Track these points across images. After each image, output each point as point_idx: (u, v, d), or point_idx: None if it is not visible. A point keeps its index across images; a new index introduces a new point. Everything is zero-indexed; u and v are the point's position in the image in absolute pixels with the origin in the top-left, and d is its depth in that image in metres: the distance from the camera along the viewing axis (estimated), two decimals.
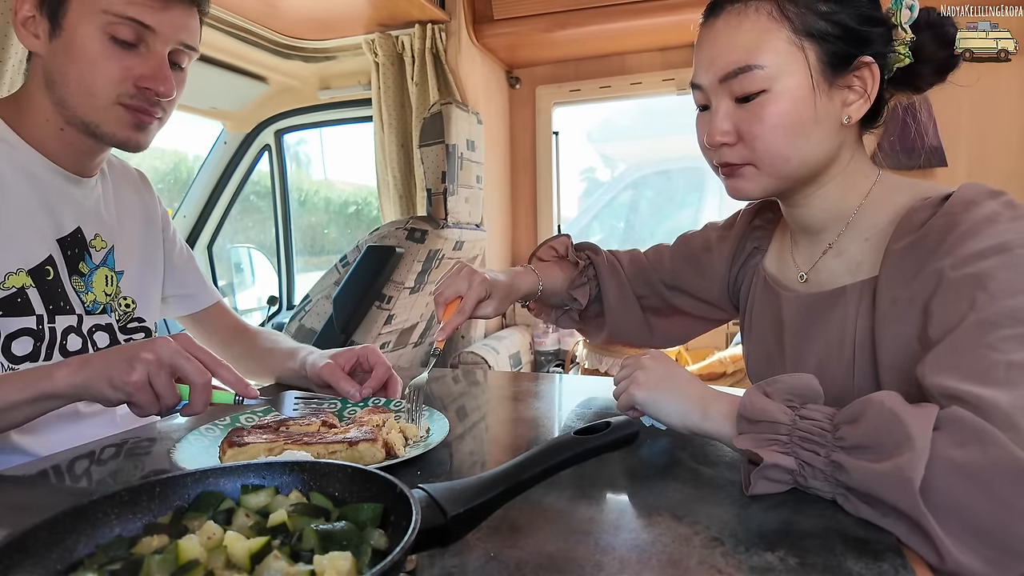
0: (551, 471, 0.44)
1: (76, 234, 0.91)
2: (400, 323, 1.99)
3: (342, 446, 0.64)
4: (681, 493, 0.59)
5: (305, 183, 3.75)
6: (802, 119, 0.68)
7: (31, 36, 0.83)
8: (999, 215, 0.59)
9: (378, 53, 2.44)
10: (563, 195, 3.04)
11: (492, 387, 1.10)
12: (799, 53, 0.67)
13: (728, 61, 0.69)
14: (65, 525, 0.38)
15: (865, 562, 0.44)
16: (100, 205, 0.96)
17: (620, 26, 2.35)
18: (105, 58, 0.81)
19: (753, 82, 0.68)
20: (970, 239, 0.59)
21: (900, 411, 0.50)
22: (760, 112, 0.68)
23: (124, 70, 0.82)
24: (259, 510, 0.42)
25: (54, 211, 0.88)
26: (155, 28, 0.83)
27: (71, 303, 0.89)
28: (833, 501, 0.53)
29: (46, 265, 0.86)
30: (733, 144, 0.71)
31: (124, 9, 0.80)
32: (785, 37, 0.67)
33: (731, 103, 0.70)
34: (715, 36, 0.71)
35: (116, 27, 0.81)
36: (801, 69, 0.67)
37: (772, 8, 0.68)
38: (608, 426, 0.48)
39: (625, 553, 0.46)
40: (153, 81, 0.84)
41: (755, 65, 0.67)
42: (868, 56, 0.68)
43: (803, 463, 0.54)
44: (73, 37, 0.81)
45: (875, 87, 0.69)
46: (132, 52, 0.83)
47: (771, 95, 0.67)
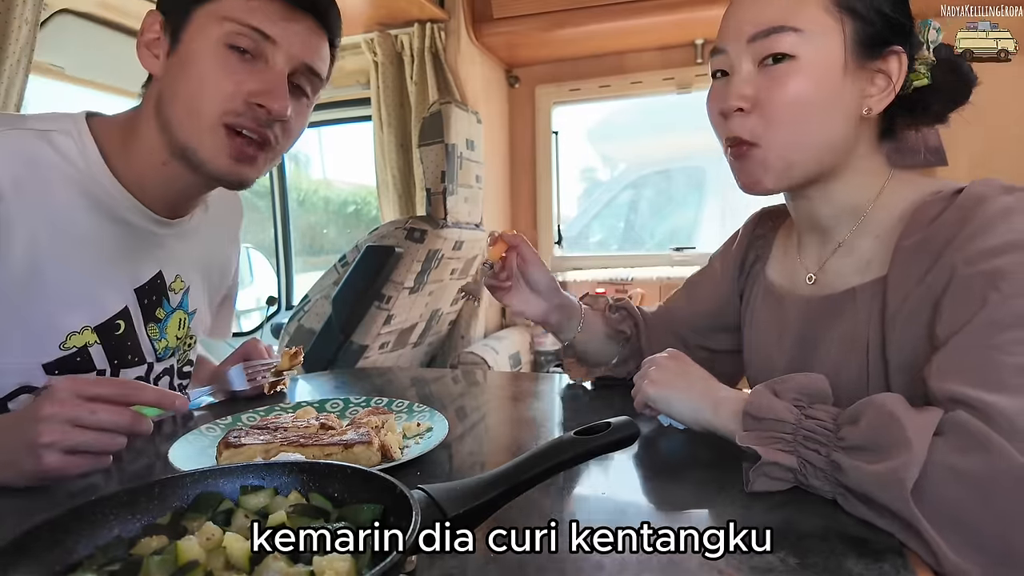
0: (551, 471, 0.44)
1: (156, 279, 0.85)
2: (399, 323, 1.99)
3: (337, 448, 0.64)
4: (681, 493, 0.59)
5: (304, 183, 3.76)
6: (824, 95, 0.65)
7: (152, 57, 0.77)
8: (1013, 210, 0.58)
9: (377, 52, 2.44)
10: (563, 195, 3.04)
11: (492, 387, 1.10)
12: (836, 24, 0.64)
13: (762, 19, 0.65)
14: (64, 526, 0.38)
15: (866, 562, 0.44)
16: (188, 243, 0.90)
17: (620, 25, 2.35)
18: (218, 70, 0.74)
19: (784, 43, 0.64)
20: (983, 235, 0.57)
21: (900, 413, 0.50)
22: (783, 79, 0.65)
23: (236, 84, 0.74)
24: (258, 511, 0.42)
25: (135, 259, 0.82)
26: (277, 40, 0.75)
27: (142, 352, 0.84)
28: (834, 501, 0.53)
29: (118, 319, 0.80)
30: (748, 112, 0.67)
31: (246, 17, 0.74)
32: (824, 5, 0.64)
33: (754, 68, 0.67)
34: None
35: (235, 36, 0.74)
36: (835, 40, 0.64)
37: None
38: (608, 426, 0.48)
39: (625, 553, 0.46)
40: (266, 97, 0.75)
41: (790, 27, 0.64)
42: (899, 46, 0.66)
43: (805, 462, 0.54)
44: (190, 49, 0.74)
45: (900, 79, 0.66)
46: (249, 65, 0.75)
47: (798, 62, 0.64)
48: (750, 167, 0.69)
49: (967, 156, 2.38)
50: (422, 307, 2.08)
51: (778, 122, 0.66)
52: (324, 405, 0.85)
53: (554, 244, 3.00)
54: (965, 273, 0.56)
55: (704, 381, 0.69)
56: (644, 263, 2.81)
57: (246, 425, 0.75)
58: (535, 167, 2.97)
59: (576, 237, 3.26)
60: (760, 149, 0.67)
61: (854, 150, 0.69)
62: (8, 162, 0.71)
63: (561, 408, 0.91)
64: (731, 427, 0.62)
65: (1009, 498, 0.44)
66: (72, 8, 1.83)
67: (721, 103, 0.69)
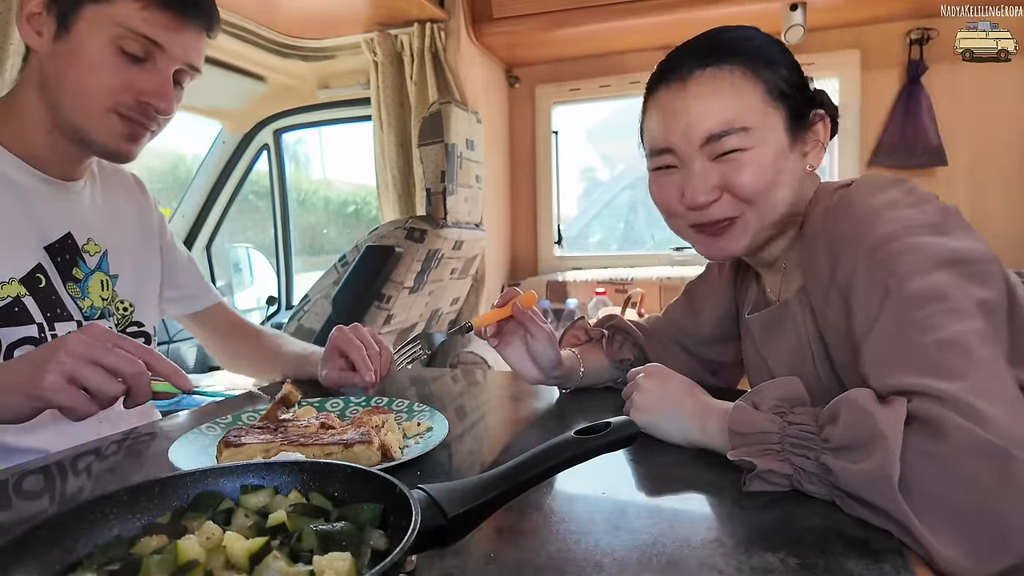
0: (551, 471, 0.44)
1: (66, 240, 0.90)
2: (399, 323, 1.99)
3: (337, 448, 0.64)
4: (681, 493, 0.59)
5: (304, 183, 3.75)
6: (778, 169, 0.71)
7: (34, 33, 0.82)
8: (898, 201, 0.63)
9: (377, 52, 2.44)
10: (563, 195, 3.04)
11: (492, 387, 1.10)
12: (774, 112, 0.71)
13: (710, 124, 0.70)
14: (64, 525, 0.38)
15: (866, 563, 0.44)
16: (91, 209, 0.95)
17: (619, 25, 2.35)
18: (109, 68, 0.81)
19: (736, 142, 0.70)
20: (871, 228, 0.62)
21: (871, 407, 0.51)
22: (742, 167, 0.70)
23: (126, 82, 0.82)
24: (258, 510, 0.42)
25: (40, 218, 0.87)
26: (166, 47, 0.83)
27: (68, 310, 0.88)
28: (833, 502, 0.53)
29: (36, 273, 0.85)
30: (719, 199, 0.72)
31: (139, 25, 0.80)
32: (760, 98, 0.70)
33: (706, 162, 0.71)
34: (688, 100, 0.71)
35: (127, 41, 0.80)
36: (778, 127, 0.71)
37: (744, 70, 0.70)
38: (608, 426, 0.48)
39: (625, 553, 0.46)
40: (155, 97, 0.84)
41: (739, 127, 0.69)
42: (821, 110, 0.74)
43: (799, 469, 0.54)
44: (80, 42, 0.80)
45: (827, 136, 0.75)
46: (137, 66, 0.82)
47: (751, 152, 0.70)
48: (727, 239, 0.74)
49: (967, 156, 2.39)
50: (422, 307, 2.08)
51: (749, 199, 0.71)
52: (324, 404, 0.85)
53: (554, 244, 3.00)
54: (862, 267, 0.61)
55: (688, 399, 0.69)
56: (644, 263, 2.81)
57: (246, 424, 0.75)
58: (535, 167, 2.97)
59: (576, 237, 3.26)
60: (741, 219, 0.73)
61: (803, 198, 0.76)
62: None
63: (561, 408, 0.91)
64: (720, 443, 0.63)
65: (981, 472, 0.46)
66: None
67: (689, 200, 0.72)
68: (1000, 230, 2.29)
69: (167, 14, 0.82)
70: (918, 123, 2.39)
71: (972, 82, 2.34)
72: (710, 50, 0.72)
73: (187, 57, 0.86)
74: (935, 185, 2.39)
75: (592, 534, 0.49)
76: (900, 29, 2.41)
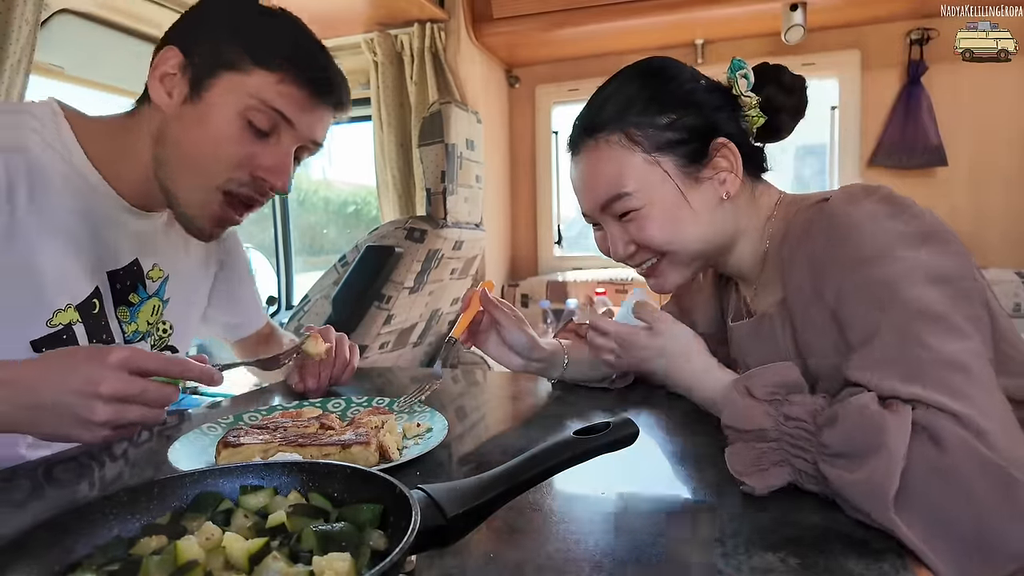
0: (551, 471, 0.44)
1: (132, 266, 0.87)
2: (399, 323, 1.99)
3: (335, 449, 0.64)
4: (682, 494, 0.59)
5: (304, 183, 3.75)
6: (682, 216, 0.74)
7: (164, 92, 0.79)
8: (877, 213, 0.62)
9: (377, 52, 2.44)
10: (563, 194, 3.04)
11: (492, 387, 1.10)
12: (657, 168, 0.73)
13: (598, 194, 0.76)
14: (63, 526, 0.38)
15: (866, 562, 0.44)
16: (162, 235, 0.93)
17: (619, 25, 2.35)
18: (233, 141, 0.78)
19: (626, 205, 0.74)
20: (853, 245, 0.62)
21: (877, 417, 0.50)
22: (643, 224, 0.75)
23: (247, 157, 0.79)
24: (258, 511, 0.42)
25: (110, 244, 0.84)
26: (294, 123, 0.80)
27: (112, 334, 0.86)
28: (833, 500, 0.53)
29: (93, 299, 0.82)
30: (636, 252, 0.78)
31: (272, 98, 0.78)
32: (640, 159, 0.73)
33: (617, 222, 0.77)
34: (581, 173, 0.79)
35: (256, 113, 0.78)
36: (664, 181, 0.73)
37: (620, 137, 0.74)
38: (608, 426, 0.48)
39: (625, 553, 0.46)
40: (274, 174, 0.81)
41: (622, 192, 0.74)
42: (721, 138, 0.74)
43: (799, 471, 0.54)
44: (209, 110, 0.77)
45: (738, 161, 0.75)
46: (261, 142, 0.79)
47: (646, 209, 0.74)
48: (660, 278, 0.80)
49: (967, 156, 2.39)
50: (422, 307, 2.08)
51: (663, 247, 0.76)
52: (326, 405, 0.85)
53: (554, 244, 3.00)
54: (852, 282, 0.61)
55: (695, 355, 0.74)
56: None
57: (247, 424, 0.75)
58: (535, 167, 2.97)
59: (576, 237, 3.26)
60: (662, 262, 0.78)
61: (736, 222, 0.77)
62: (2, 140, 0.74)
63: (561, 408, 0.91)
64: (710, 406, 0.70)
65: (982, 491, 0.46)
66: (72, 8, 1.83)
67: (613, 256, 0.81)
68: (1000, 230, 2.29)
69: (303, 91, 0.80)
70: (918, 123, 2.39)
71: (972, 82, 2.34)
72: (589, 119, 0.77)
73: (313, 134, 0.84)
74: (935, 185, 2.40)
75: (592, 534, 0.49)
76: (900, 29, 2.41)
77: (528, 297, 2.83)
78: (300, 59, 0.80)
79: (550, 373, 0.95)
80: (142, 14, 1.95)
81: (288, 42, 0.81)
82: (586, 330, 1.00)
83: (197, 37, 0.80)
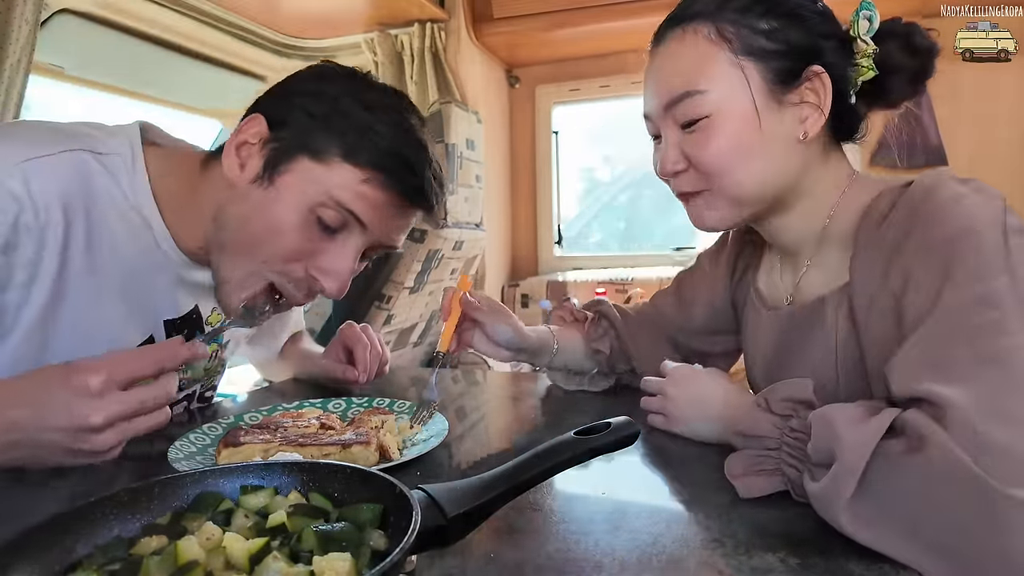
0: (551, 471, 0.44)
1: (191, 315, 0.84)
2: (400, 323, 1.99)
3: (335, 448, 0.64)
4: (681, 494, 0.59)
5: None
6: (750, 141, 0.66)
7: (237, 164, 0.72)
8: (964, 196, 0.57)
9: (377, 52, 2.44)
10: (563, 195, 3.05)
11: (492, 387, 1.10)
12: (740, 74, 0.66)
13: (670, 88, 0.68)
14: (64, 525, 0.38)
15: (866, 563, 0.44)
16: None
17: (620, 25, 2.35)
18: (298, 233, 0.70)
19: (695, 107, 0.67)
20: (935, 225, 0.56)
21: (838, 424, 0.48)
22: (705, 138, 0.67)
23: (307, 254, 0.71)
24: (258, 511, 0.42)
25: (169, 293, 0.80)
26: (368, 226, 0.72)
27: None
28: None
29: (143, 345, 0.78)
30: (685, 170, 0.70)
31: (349, 199, 0.70)
32: (725, 59, 0.66)
33: (678, 131, 0.70)
34: (659, 64, 0.71)
35: (329, 213, 0.70)
36: (743, 90, 0.66)
37: (710, 30, 0.67)
38: (608, 426, 0.48)
39: (625, 553, 0.46)
40: (328, 277, 0.73)
41: (695, 91, 0.66)
42: (817, 66, 0.65)
43: (790, 480, 0.54)
44: (278, 197, 0.70)
45: (827, 98, 0.66)
46: (327, 238, 0.72)
47: (714, 119, 0.66)
48: (699, 211, 0.72)
49: (967, 155, 2.39)
50: (422, 307, 2.08)
51: (714, 174, 0.68)
52: (327, 405, 0.85)
53: (554, 244, 3.00)
54: (920, 268, 0.56)
55: (716, 402, 0.69)
56: (644, 263, 2.80)
57: (247, 424, 0.75)
58: (535, 167, 2.97)
59: (576, 237, 3.26)
60: (707, 193, 0.70)
61: (804, 173, 0.70)
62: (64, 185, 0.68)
63: (561, 408, 0.91)
64: None
65: (944, 496, 0.43)
66: (72, 8, 1.82)
67: (659, 170, 0.73)
68: None
69: (388, 195, 0.71)
70: (918, 123, 2.38)
71: (972, 82, 2.34)
72: (682, 8, 0.70)
73: (388, 239, 0.76)
74: None
75: (592, 534, 0.49)
76: None
77: (528, 297, 2.83)
78: (392, 161, 0.71)
79: (538, 361, 0.94)
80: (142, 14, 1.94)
81: (385, 141, 0.71)
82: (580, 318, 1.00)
83: (289, 114, 0.72)
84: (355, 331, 1.00)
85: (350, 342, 0.99)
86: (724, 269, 0.91)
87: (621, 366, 0.96)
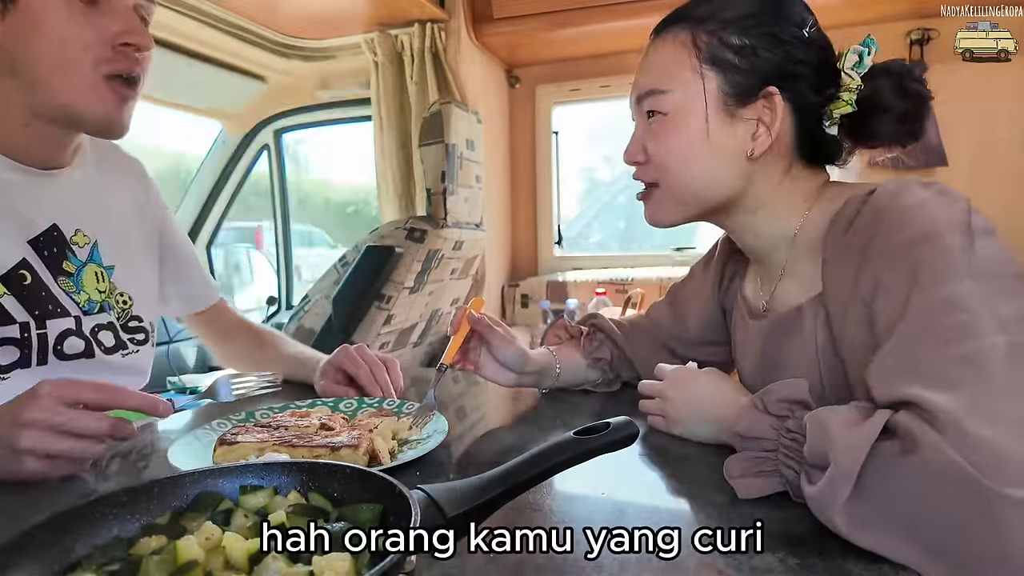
0: (551, 471, 0.44)
1: (52, 232, 0.85)
2: (400, 323, 1.99)
3: (324, 451, 0.63)
4: (681, 494, 0.59)
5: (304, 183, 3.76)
6: (699, 146, 0.70)
7: None
8: (927, 200, 0.58)
9: (377, 52, 2.44)
10: (563, 195, 3.04)
11: (492, 387, 1.09)
12: (699, 80, 0.69)
13: (643, 83, 0.74)
14: (63, 526, 0.38)
15: (864, 563, 0.44)
16: (80, 197, 0.90)
17: (620, 25, 2.35)
18: (73, 23, 0.74)
19: (657, 104, 0.72)
20: (899, 230, 0.57)
21: (832, 428, 0.49)
22: (659, 131, 0.72)
23: (97, 31, 0.75)
24: (258, 511, 0.42)
25: (22, 211, 0.82)
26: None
27: (63, 305, 0.84)
28: None
29: (20, 270, 0.80)
30: (644, 163, 0.75)
31: None
32: (690, 65, 0.70)
33: (644, 120, 0.74)
34: (644, 58, 0.76)
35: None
36: (698, 96, 0.70)
37: (688, 36, 0.71)
38: (608, 426, 0.48)
39: (625, 553, 0.46)
40: (131, 35, 0.77)
41: (659, 89, 0.71)
42: (772, 88, 0.67)
43: (787, 482, 0.54)
44: (31, 9, 0.73)
45: (777, 121, 0.68)
46: (96, 11, 0.75)
47: (671, 118, 0.71)
48: (651, 205, 0.77)
49: (967, 156, 2.39)
50: (422, 307, 2.08)
51: (664, 169, 0.73)
52: (338, 404, 0.85)
53: (554, 244, 3.00)
54: (888, 273, 0.57)
55: (711, 401, 0.70)
56: (644, 263, 2.80)
57: (255, 422, 0.75)
58: (535, 167, 2.97)
59: (576, 237, 3.26)
60: (659, 189, 0.75)
61: (752, 186, 0.72)
62: None
63: (561, 408, 0.90)
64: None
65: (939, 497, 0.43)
66: None
67: (626, 155, 0.77)
68: (1000, 230, 2.29)
69: None
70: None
71: (972, 82, 2.34)
72: (678, 11, 0.74)
73: None
74: None
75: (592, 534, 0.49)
76: (900, 29, 2.41)
77: (528, 297, 2.83)
78: None
79: (542, 384, 0.94)
80: None
81: None
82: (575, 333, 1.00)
83: None
84: (351, 355, 0.95)
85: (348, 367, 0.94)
86: (713, 277, 0.93)
87: (625, 372, 0.97)
